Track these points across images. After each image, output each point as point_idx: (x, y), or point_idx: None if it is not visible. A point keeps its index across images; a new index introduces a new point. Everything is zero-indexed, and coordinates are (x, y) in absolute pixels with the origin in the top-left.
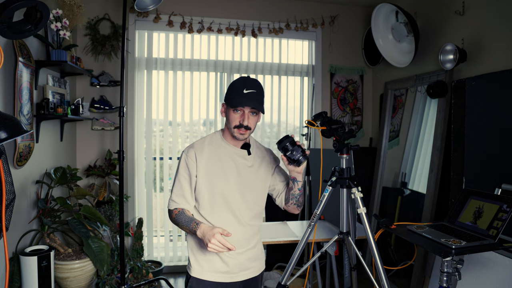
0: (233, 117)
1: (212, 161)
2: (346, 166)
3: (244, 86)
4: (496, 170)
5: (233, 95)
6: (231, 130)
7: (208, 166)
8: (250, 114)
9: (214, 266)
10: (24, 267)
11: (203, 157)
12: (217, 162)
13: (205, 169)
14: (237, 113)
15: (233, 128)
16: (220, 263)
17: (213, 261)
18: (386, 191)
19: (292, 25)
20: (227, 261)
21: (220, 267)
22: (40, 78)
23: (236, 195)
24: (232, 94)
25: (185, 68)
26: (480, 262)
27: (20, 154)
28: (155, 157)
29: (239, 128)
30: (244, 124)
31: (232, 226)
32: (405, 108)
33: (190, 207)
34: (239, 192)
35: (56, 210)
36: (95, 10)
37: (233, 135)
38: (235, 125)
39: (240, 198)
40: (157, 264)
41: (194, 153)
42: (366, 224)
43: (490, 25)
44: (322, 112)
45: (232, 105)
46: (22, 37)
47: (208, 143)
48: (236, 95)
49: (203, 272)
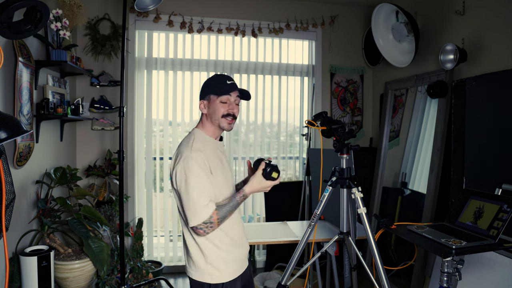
0: (220, 106)
1: (215, 161)
2: (346, 166)
3: (226, 78)
4: (496, 170)
5: (217, 87)
6: (218, 121)
7: (214, 166)
8: (235, 104)
9: (240, 257)
10: (24, 267)
11: (209, 158)
12: (218, 161)
13: (213, 170)
14: (224, 104)
15: (221, 117)
16: (242, 250)
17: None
18: (386, 191)
19: (292, 25)
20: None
21: (243, 255)
22: (40, 78)
23: (233, 188)
24: (215, 86)
25: (185, 68)
26: (480, 262)
27: (20, 154)
28: (155, 157)
29: (226, 117)
30: (232, 112)
31: (238, 218)
32: (405, 108)
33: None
34: (232, 184)
35: (56, 210)
36: (95, 10)
37: (220, 126)
38: (223, 114)
39: (232, 187)
40: (157, 264)
41: (204, 155)
42: (366, 224)
43: (490, 25)
44: (322, 112)
45: (218, 93)
46: (22, 37)
47: (203, 144)
48: (221, 85)
49: (231, 272)
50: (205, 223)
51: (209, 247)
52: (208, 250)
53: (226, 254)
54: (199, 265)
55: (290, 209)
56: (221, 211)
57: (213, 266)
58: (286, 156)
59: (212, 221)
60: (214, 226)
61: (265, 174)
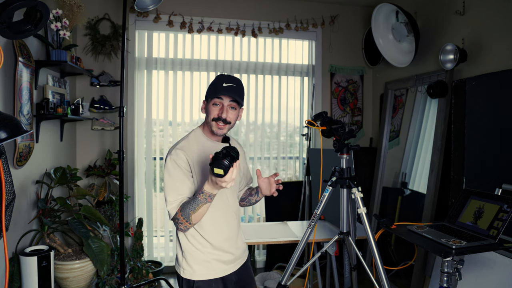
0: (212, 109)
1: (204, 162)
2: (346, 166)
3: (224, 80)
4: (496, 170)
5: (212, 89)
6: (209, 124)
7: (201, 165)
8: (229, 108)
9: (219, 260)
10: (24, 267)
11: (194, 159)
12: (207, 159)
13: (199, 168)
14: (216, 106)
15: (211, 121)
16: (223, 255)
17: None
18: (386, 191)
19: (292, 25)
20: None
21: (224, 259)
22: (40, 78)
23: (228, 189)
24: (211, 87)
25: (185, 68)
26: (480, 262)
27: (20, 154)
28: (155, 157)
29: (217, 121)
30: (222, 117)
31: (229, 219)
32: (405, 108)
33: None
34: (234, 186)
35: (56, 210)
36: (95, 10)
37: (211, 130)
38: (213, 117)
39: (229, 191)
40: (157, 264)
41: (185, 155)
42: (366, 224)
43: (490, 25)
44: (322, 112)
45: (211, 96)
46: (22, 37)
47: (193, 141)
48: (215, 88)
49: (204, 273)
50: (173, 219)
51: (185, 243)
52: (185, 246)
53: (201, 254)
54: (177, 257)
55: (290, 209)
56: (183, 209)
57: (187, 262)
58: (286, 156)
59: (178, 217)
60: (183, 223)
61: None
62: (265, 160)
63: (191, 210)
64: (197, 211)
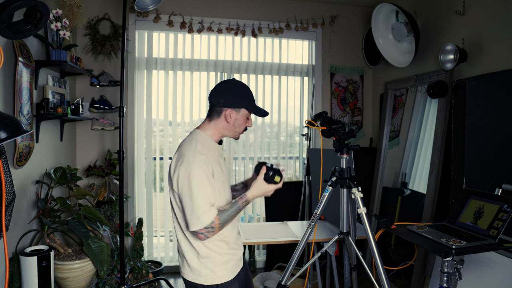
0: (244, 122)
1: (216, 165)
2: (346, 166)
3: (251, 94)
4: (496, 170)
5: (252, 104)
6: (235, 133)
7: (216, 170)
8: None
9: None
10: (24, 267)
11: (212, 163)
12: (219, 165)
13: (215, 174)
14: (249, 120)
15: (242, 131)
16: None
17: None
18: (386, 191)
19: (292, 25)
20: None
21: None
22: (40, 78)
23: (230, 190)
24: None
25: (185, 68)
26: (480, 262)
27: (20, 154)
28: (155, 157)
29: (244, 131)
30: (249, 127)
31: (234, 222)
32: (405, 108)
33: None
34: (229, 186)
35: (56, 210)
36: (95, 10)
37: (233, 136)
38: (244, 129)
39: (228, 187)
40: (157, 264)
41: (208, 160)
42: (366, 224)
43: (490, 25)
44: (322, 112)
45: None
46: (22, 37)
47: (206, 145)
48: (254, 104)
49: (225, 274)
50: (206, 228)
51: (203, 249)
52: (202, 252)
53: (219, 256)
54: (193, 265)
55: (290, 209)
56: (222, 216)
57: (207, 267)
58: (286, 156)
59: (214, 226)
60: (215, 231)
61: (267, 179)
62: (265, 160)
63: (230, 218)
64: (232, 219)
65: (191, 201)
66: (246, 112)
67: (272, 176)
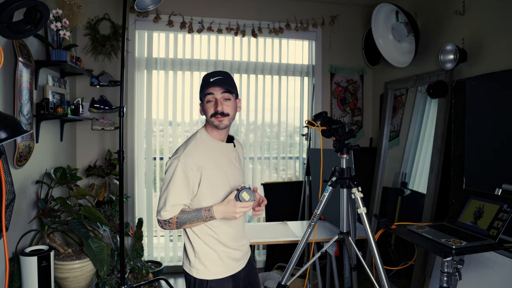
0: (208, 107)
1: (214, 167)
2: (346, 166)
3: (210, 76)
4: (496, 170)
5: (201, 88)
6: (210, 122)
7: (211, 173)
8: (223, 100)
9: (231, 258)
10: (24, 267)
11: (203, 164)
12: (219, 167)
13: (210, 177)
14: (210, 103)
15: (210, 117)
16: (234, 253)
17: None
18: (386, 191)
19: (292, 25)
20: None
21: (236, 256)
22: (40, 78)
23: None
24: (201, 87)
25: (185, 68)
26: (480, 262)
27: (20, 154)
28: (155, 157)
29: (215, 116)
30: (219, 110)
31: (233, 224)
32: (405, 108)
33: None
34: (234, 186)
35: (56, 210)
36: (95, 10)
37: (213, 126)
38: (211, 114)
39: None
40: (157, 264)
41: (195, 162)
42: (366, 224)
43: (490, 25)
44: (322, 112)
45: (202, 93)
46: (22, 37)
47: (201, 145)
48: (203, 86)
49: (218, 271)
50: (164, 220)
51: (199, 243)
52: (198, 246)
53: (214, 253)
54: (189, 258)
55: (290, 209)
56: (181, 217)
57: (200, 262)
58: (286, 156)
59: (171, 222)
60: (172, 227)
61: (236, 195)
62: (265, 160)
63: (188, 221)
64: (193, 224)
65: (162, 194)
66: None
67: (240, 192)
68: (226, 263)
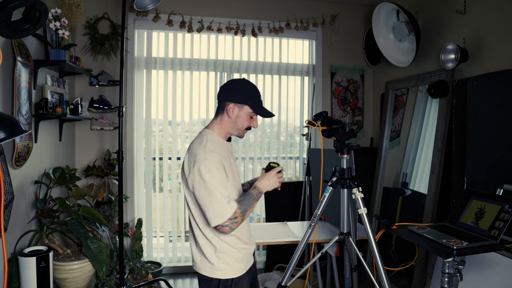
0: (248, 121)
1: (228, 163)
2: (347, 166)
3: (259, 94)
4: (497, 170)
5: (256, 102)
6: (238, 130)
7: (227, 168)
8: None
9: (247, 254)
10: (23, 268)
11: (223, 160)
12: (231, 163)
13: (228, 172)
14: (252, 119)
15: (244, 129)
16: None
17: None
18: (387, 192)
19: (293, 24)
20: (251, 247)
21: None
22: (39, 77)
23: (241, 187)
24: (255, 101)
25: (185, 67)
26: (481, 263)
27: (19, 154)
28: (155, 157)
29: (247, 130)
30: (254, 126)
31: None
32: (406, 108)
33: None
34: (238, 180)
35: (55, 210)
36: (94, 9)
37: (237, 134)
38: (247, 127)
39: (241, 188)
40: (157, 265)
41: (219, 158)
42: (367, 225)
43: (492, 24)
44: (322, 112)
45: (262, 114)
46: (20, 36)
47: (216, 143)
48: (260, 104)
49: (240, 268)
50: (230, 219)
51: (221, 244)
52: (220, 247)
53: (236, 251)
54: (210, 261)
55: (290, 209)
56: (242, 206)
57: (224, 262)
58: (286, 156)
59: (236, 216)
60: (238, 221)
61: (266, 168)
62: (265, 160)
63: (247, 207)
64: (251, 207)
65: (210, 197)
66: (249, 110)
67: (268, 164)
68: (246, 259)
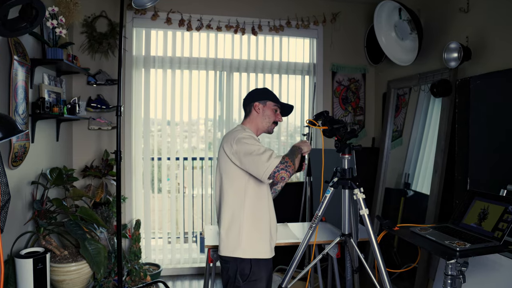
0: (273, 114)
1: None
2: (348, 166)
3: (275, 95)
4: (501, 170)
5: (276, 98)
6: (267, 126)
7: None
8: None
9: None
10: (19, 270)
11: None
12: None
13: None
14: (277, 112)
15: (272, 123)
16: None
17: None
18: (389, 192)
19: (293, 23)
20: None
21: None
22: (36, 76)
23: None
24: (274, 97)
25: (184, 66)
26: (485, 265)
27: (15, 155)
28: (153, 158)
29: (275, 124)
30: (278, 120)
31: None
32: (408, 107)
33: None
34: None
35: (52, 211)
36: (91, 7)
37: (267, 130)
38: (274, 120)
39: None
40: (155, 266)
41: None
42: (368, 226)
43: (495, 22)
44: (323, 111)
45: (282, 105)
46: (17, 35)
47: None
48: (276, 98)
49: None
50: (282, 163)
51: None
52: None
53: (261, 234)
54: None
55: (291, 210)
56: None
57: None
58: None
59: (286, 160)
60: (291, 165)
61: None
62: None
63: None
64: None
65: (258, 156)
66: (271, 104)
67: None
68: (271, 246)
